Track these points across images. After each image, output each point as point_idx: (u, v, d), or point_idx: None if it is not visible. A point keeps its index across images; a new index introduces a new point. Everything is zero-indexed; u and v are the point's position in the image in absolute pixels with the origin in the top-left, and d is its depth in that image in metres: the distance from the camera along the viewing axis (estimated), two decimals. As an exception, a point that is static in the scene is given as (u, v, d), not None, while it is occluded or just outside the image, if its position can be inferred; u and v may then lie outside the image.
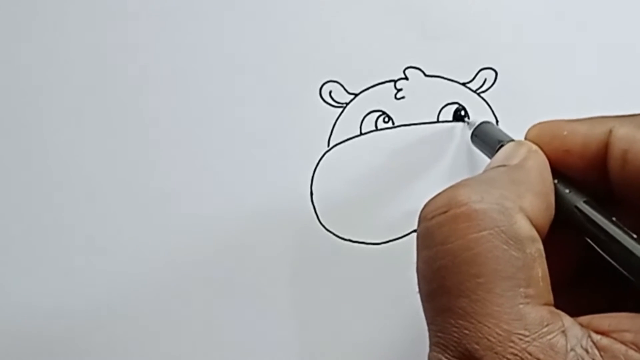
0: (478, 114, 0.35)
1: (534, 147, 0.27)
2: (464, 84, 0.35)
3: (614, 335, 0.22)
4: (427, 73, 0.35)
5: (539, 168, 0.26)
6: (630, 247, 0.24)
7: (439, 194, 0.24)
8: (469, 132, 0.33)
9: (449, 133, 0.34)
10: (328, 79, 0.35)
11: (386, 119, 0.35)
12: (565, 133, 0.27)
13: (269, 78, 0.35)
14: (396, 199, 0.34)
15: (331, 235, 0.34)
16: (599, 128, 0.26)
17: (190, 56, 0.35)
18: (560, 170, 0.27)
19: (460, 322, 0.22)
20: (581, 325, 0.23)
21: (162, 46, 0.35)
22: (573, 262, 0.27)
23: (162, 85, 0.35)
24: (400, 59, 0.35)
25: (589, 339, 0.22)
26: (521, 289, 0.22)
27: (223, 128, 0.35)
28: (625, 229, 0.24)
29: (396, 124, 0.35)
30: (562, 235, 0.26)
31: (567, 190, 0.26)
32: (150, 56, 0.35)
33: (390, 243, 0.34)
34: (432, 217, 0.24)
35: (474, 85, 0.35)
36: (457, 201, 0.23)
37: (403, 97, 0.35)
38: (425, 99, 0.35)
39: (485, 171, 0.27)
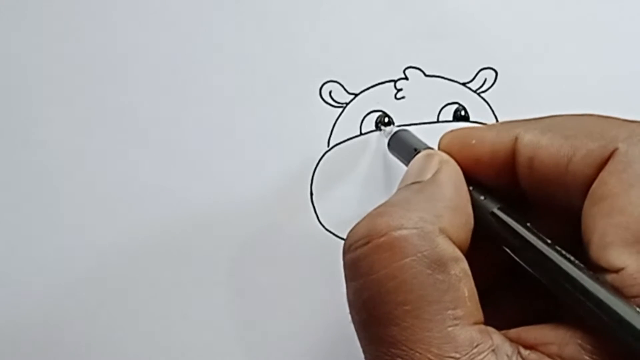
0: (478, 114, 0.35)
1: (445, 157, 0.27)
2: (464, 84, 0.35)
3: (541, 348, 0.22)
4: (427, 73, 0.35)
5: (453, 180, 0.26)
6: (545, 252, 0.24)
7: (358, 224, 0.24)
8: (385, 141, 0.33)
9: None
10: (328, 79, 0.35)
11: (386, 119, 0.35)
12: (473, 142, 0.27)
13: (269, 78, 0.35)
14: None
15: (331, 235, 0.34)
16: (505, 135, 0.26)
17: (190, 56, 0.35)
18: (474, 178, 0.27)
19: (392, 350, 0.22)
20: (510, 340, 0.23)
21: (161, 46, 0.35)
22: (495, 270, 0.27)
23: (161, 85, 0.35)
24: (400, 59, 0.35)
25: (519, 355, 0.22)
26: (449, 312, 0.22)
27: (223, 128, 0.35)
28: (540, 234, 0.24)
29: (396, 124, 0.35)
30: (481, 243, 0.25)
31: (482, 197, 0.26)
32: (149, 56, 0.35)
33: (390, 243, 0.34)
34: (356, 249, 0.24)
35: (474, 85, 0.35)
36: (377, 231, 0.23)
37: (403, 97, 0.35)
38: (425, 99, 0.35)
39: (399, 190, 0.27)
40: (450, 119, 0.35)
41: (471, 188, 0.26)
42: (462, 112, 0.35)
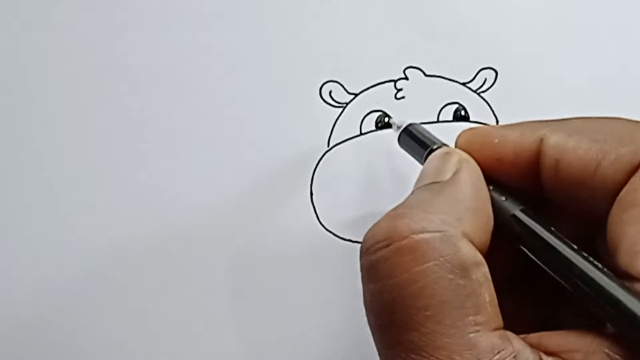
0: (478, 114, 0.35)
1: (465, 155, 0.26)
2: (464, 84, 0.35)
3: (564, 355, 0.22)
4: (427, 73, 0.35)
5: (473, 180, 0.25)
6: (571, 258, 0.23)
7: (377, 225, 0.24)
8: (396, 135, 0.32)
9: (449, 133, 0.34)
10: (328, 79, 0.35)
11: (386, 119, 0.35)
12: (496, 141, 0.26)
13: (269, 78, 0.35)
14: (396, 199, 0.34)
15: (331, 235, 0.34)
16: (529, 136, 0.26)
17: (190, 56, 0.35)
18: (494, 178, 0.26)
19: (412, 355, 0.22)
20: (531, 346, 0.22)
21: (161, 47, 0.35)
22: (509, 269, 0.27)
23: (161, 85, 0.35)
24: (400, 59, 0.35)
25: None
26: (470, 318, 0.22)
27: (222, 128, 0.35)
28: (565, 239, 0.24)
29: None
30: (496, 242, 0.25)
31: (502, 198, 0.26)
32: (149, 57, 0.35)
33: (390, 243, 0.34)
34: (375, 251, 0.23)
35: (474, 85, 0.35)
36: (397, 233, 0.23)
37: (403, 97, 0.35)
38: (425, 99, 0.35)
39: (417, 189, 0.26)
40: (450, 118, 0.35)
41: (491, 188, 0.26)
42: (462, 112, 0.35)
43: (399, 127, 0.32)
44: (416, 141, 0.30)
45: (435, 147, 0.29)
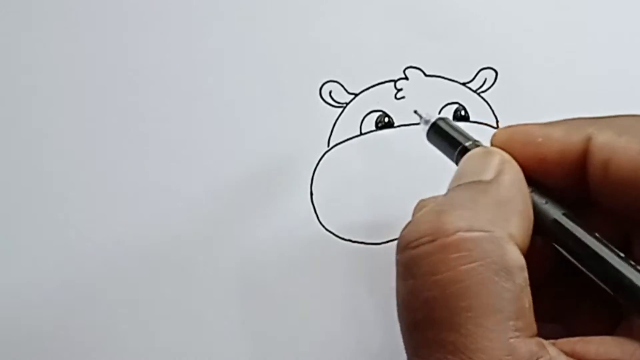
0: (478, 114, 0.35)
1: (507, 156, 0.26)
2: (464, 84, 0.35)
3: None
4: (427, 73, 0.35)
5: (518, 183, 0.25)
6: (620, 268, 0.23)
7: (420, 220, 0.23)
8: (425, 129, 0.30)
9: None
10: (328, 79, 0.35)
11: (386, 119, 0.35)
12: (539, 140, 0.26)
13: (269, 78, 0.35)
14: (396, 199, 0.34)
15: (331, 235, 0.34)
16: (575, 134, 0.25)
17: (190, 56, 0.35)
18: (533, 179, 0.25)
19: (450, 357, 0.21)
20: (567, 354, 0.22)
21: (160, 46, 0.35)
22: (540, 272, 0.26)
23: (161, 86, 0.35)
24: (400, 59, 0.35)
25: None
26: (511, 322, 0.21)
27: (223, 128, 0.35)
28: (611, 246, 0.23)
29: (396, 124, 0.35)
30: (530, 246, 0.25)
31: (543, 201, 0.25)
32: (149, 57, 0.35)
33: (390, 243, 0.34)
34: (417, 246, 0.22)
35: (474, 85, 0.35)
36: (444, 229, 0.22)
37: (403, 97, 0.35)
38: (425, 99, 0.35)
39: (459, 187, 0.25)
40: (451, 118, 0.35)
41: (531, 190, 0.25)
42: (462, 112, 0.35)
43: (427, 121, 0.30)
44: (449, 138, 0.29)
45: (467, 144, 0.28)
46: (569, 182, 0.25)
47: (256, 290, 0.34)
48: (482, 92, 0.35)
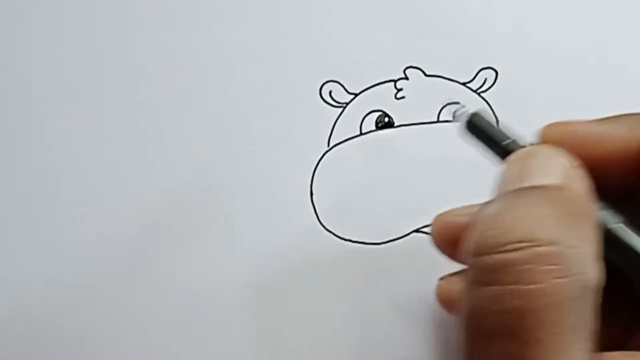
0: (478, 114, 0.35)
1: (571, 159, 0.23)
2: (464, 84, 0.35)
3: None
4: (427, 73, 0.35)
5: (587, 190, 0.22)
6: None
7: (505, 223, 0.21)
8: (461, 120, 0.28)
9: (449, 133, 0.34)
10: (328, 79, 0.35)
11: (386, 119, 0.35)
12: (597, 138, 0.24)
13: (269, 78, 0.35)
14: (396, 199, 0.34)
15: (331, 235, 0.34)
16: (636, 131, 0.23)
17: (190, 56, 0.35)
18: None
19: None
20: None
21: (161, 46, 0.35)
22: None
23: (161, 85, 0.35)
24: (400, 59, 0.35)
25: None
26: (583, 343, 0.20)
27: (223, 128, 0.35)
28: None
29: (396, 124, 0.35)
30: None
31: (599, 207, 0.23)
32: (149, 57, 0.35)
33: (390, 243, 0.34)
34: (505, 251, 0.21)
35: (474, 85, 0.35)
36: (537, 238, 0.20)
37: (403, 97, 0.35)
38: (425, 99, 0.35)
39: (525, 191, 0.22)
40: (451, 118, 0.35)
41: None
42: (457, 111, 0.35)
43: (461, 115, 0.28)
44: (492, 133, 0.27)
45: (508, 141, 0.25)
46: (627, 184, 0.24)
47: (256, 290, 0.34)
48: (482, 92, 0.35)
